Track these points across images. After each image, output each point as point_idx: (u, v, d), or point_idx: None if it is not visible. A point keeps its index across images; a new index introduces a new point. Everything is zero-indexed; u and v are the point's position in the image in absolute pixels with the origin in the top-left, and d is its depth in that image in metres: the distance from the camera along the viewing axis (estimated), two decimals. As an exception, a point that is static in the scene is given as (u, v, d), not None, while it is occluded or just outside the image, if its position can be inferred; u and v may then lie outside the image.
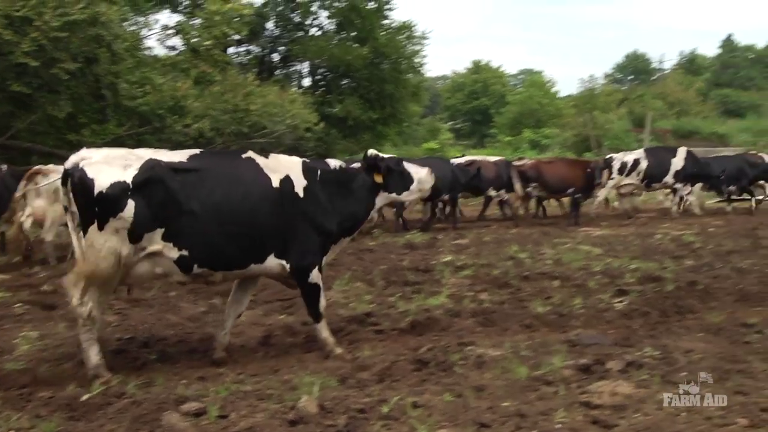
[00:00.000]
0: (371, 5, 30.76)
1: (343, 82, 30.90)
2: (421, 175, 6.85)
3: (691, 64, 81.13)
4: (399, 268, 10.30)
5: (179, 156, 5.70)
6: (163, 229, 5.45)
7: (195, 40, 21.89)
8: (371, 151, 6.67)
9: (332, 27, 31.87)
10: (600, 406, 4.60)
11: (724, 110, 61.51)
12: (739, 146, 35.81)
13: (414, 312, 7.55)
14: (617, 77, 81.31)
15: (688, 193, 17.96)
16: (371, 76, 30.25)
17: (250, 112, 20.52)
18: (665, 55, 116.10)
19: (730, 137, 45.74)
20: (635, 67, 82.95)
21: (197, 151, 5.99)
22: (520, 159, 19.65)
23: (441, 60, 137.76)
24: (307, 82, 32.93)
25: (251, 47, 31.80)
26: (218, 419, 4.53)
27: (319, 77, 32.55)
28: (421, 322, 7.09)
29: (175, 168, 5.54)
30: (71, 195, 5.45)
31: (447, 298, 8.26)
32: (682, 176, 17.32)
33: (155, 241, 5.46)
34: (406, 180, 6.78)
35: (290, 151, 13.69)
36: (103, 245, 5.30)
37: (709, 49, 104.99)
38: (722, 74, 76.09)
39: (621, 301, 7.91)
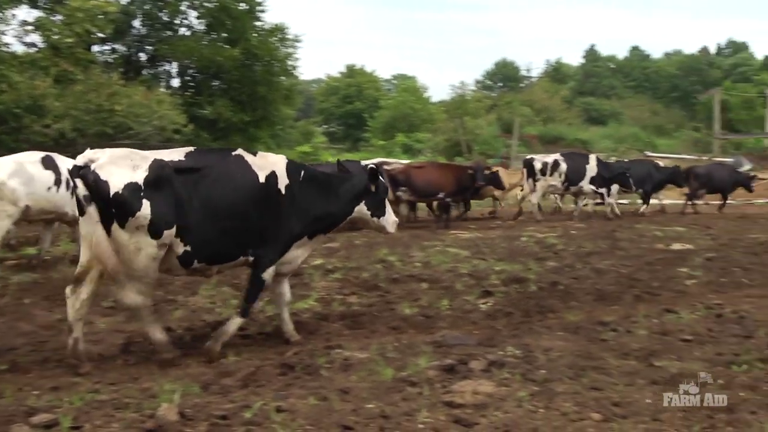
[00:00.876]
0: (243, 6, 30.34)
1: (214, 84, 30.35)
2: (391, 218, 7.14)
3: (556, 73, 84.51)
4: (268, 272, 10.17)
5: (178, 155, 5.89)
6: (175, 226, 5.68)
7: (56, 37, 21.01)
8: (378, 160, 6.96)
9: (202, 27, 31.23)
10: (462, 405, 4.64)
11: (587, 117, 64.38)
12: (600, 152, 37.50)
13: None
14: (487, 84, 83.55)
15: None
16: (243, 77, 29.89)
17: (115, 113, 19.90)
18: (532, 63, 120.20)
19: (593, 143, 47.87)
20: (504, 75, 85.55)
21: (192, 149, 6.15)
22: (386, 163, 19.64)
23: (315, 63, 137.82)
24: (176, 82, 32.19)
25: (117, 46, 30.76)
26: (71, 430, 4.30)
27: (188, 78, 31.85)
28: (289, 326, 7.02)
29: (178, 168, 5.75)
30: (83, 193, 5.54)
31: (316, 301, 8.20)
32: (598, 181, 18.16)
33: (169, 237, 5.68)
34: (384, 209, 7.05)
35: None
36: (132, 243, 5.57)
37: (574, 58, 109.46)
38: (585, 83, 79.64)
39: (486, 302, 8.08)
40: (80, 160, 5.61)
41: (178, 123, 21.96)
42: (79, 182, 5.54)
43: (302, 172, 6.50)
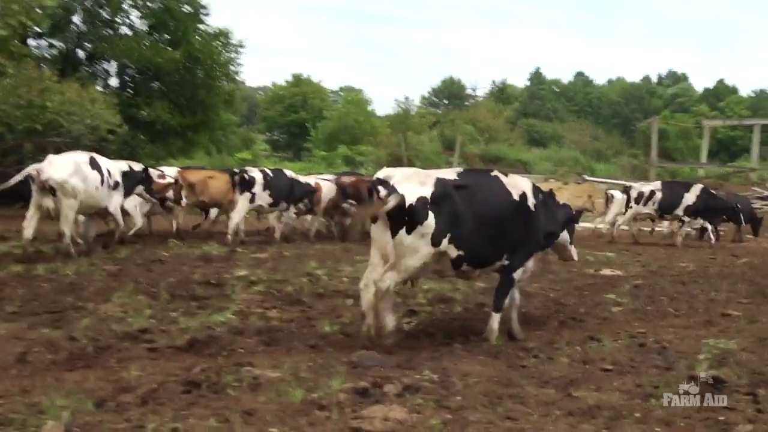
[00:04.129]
0: (186, 9, 29.78)
1: (153, 85, 29.68)
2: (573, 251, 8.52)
3: (501, 93, 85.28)
4: (188, 281, 9.78)
5: (451, 174, 6.92)
6: (449, 234, 6.55)
7: (-10, 29, 20.18)
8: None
9: (144, 28, 30.50)
10: (370, 432, 4.43)
11: (530, 139, 65.09)
12: (540, 174, 37.92)
13: (195, 329, 7.11)
14: (433, 101, 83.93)
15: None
16: (183, 80, 29.31)
17: (46, 109, 19.19)
18: (479, 82, 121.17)
19: (533, 165, 48.38)
20: (450, 92, 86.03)
21: (460, 169, 7.34)
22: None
23: (263, 71, 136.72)
24: (114, 82, 31.26)
25: (55, 42, 29.84)
26: (-62, 450, 3.95)
27: (127, 78, 31.04)
28: (201, 340, 6.68)
29: (456, 185, 6.70)
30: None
31: (233, 314, 7.86)
32: (692, 210, 18.33)
33: (444, 244, 6.58)
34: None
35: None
36: (410, 247, 6.46)
37: (519, 80, 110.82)
38: (530, 105, 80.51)
39: (409, 322, 7.86)
40: (380, 175, 7.00)
41: (113, 123, 21.32)
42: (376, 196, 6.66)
43: (540, 195, 7.51)
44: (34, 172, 11.48)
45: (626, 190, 18.48)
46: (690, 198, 18.13)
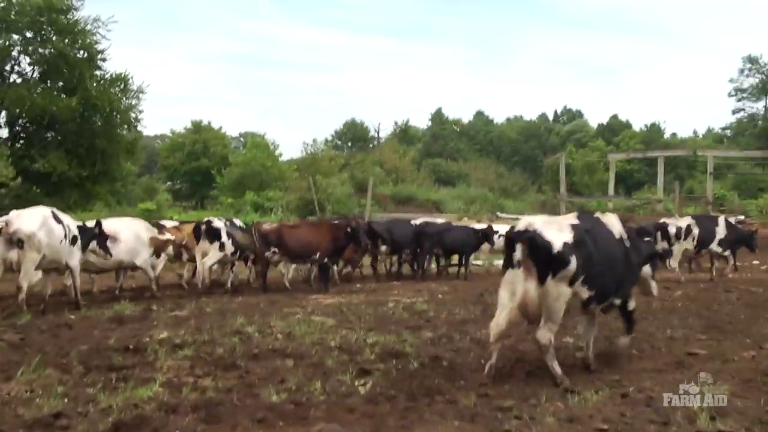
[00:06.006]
0: (81, 54, 28.25)
1: (48, 135, 27.86)
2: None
3: (404, 134, 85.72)
4: (103, 348, 8.55)
5: (572, 219, 7.37)
6: (583, 276, 6.94)
7: None
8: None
9: (36, 75, 28.74)
10: None
11: (436, 179, 65.27)
12: (453, 213, 37.70)
13: (119, 408, 6.06)
14: (337, 144, 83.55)
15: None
16: (80, 129, 27.61)
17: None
18: (381, 124, 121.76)
19: (445, 204, 48.29)
20: (354, 134, 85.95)
21: (574, 213, 7.69)
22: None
23: (159, 119, 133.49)
24: (4, 133, 29.17)
25: (-61, 92, 27.75)
26: None
27: (19, 128, 29.08)
28: (128, 422, 5.65)
29: (585, 229, 7.13)
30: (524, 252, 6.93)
31: (162, 386, 6.82)
32: (726, 243, 18.02)
33: (578, 286, 6.98)
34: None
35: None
36: (556, 290, 6.84)
37: (421, 121, 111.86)
38: (433, 145, 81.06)
39: (364, 384, 6.98)
40: (521, 225, 7.12)
41: (5, 176, 19.75)
42: (519, 244, 6.97)
43: (628, 232, 7.84)
44: (0, 225, 11.35)
45: (661, 227, 17.88)
46: (721, 231, 17.97)
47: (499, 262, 21.63)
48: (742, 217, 27.07)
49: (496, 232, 20.07)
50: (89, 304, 12.45)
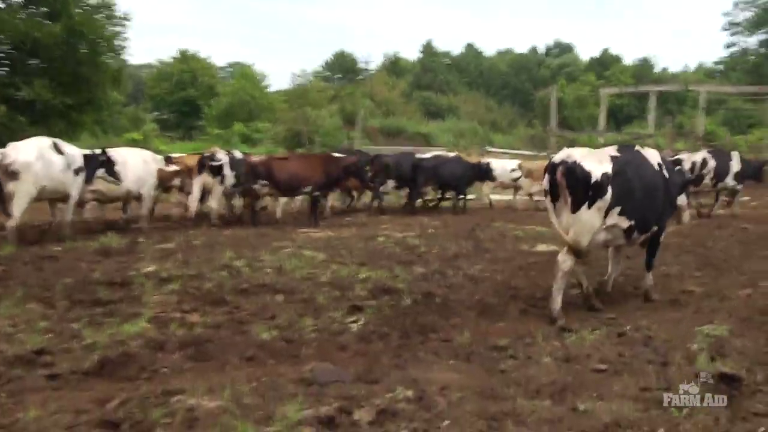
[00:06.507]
0: (65, -21, 27.37)
1: (31, 63, 27.15)
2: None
3: (394, 66, 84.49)
4: (89, 282, 8.36)
5: (612, 151, 7.33)
6: (620, 207, 7.08)
7: None
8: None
9: (18, 0, 27.88)
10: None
11: (426, 112, 64.57)
12: (442, 146, 37.37)
13: (104, 345, 5.90)
14: (326, 75, 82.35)
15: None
16: (65, 56, 26.81)
17: None
18: (371, 55, 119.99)
19: (435, 137, 47.90)
20: (343, 66, 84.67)
21: (616, 146, 7.58)
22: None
23: (146, 48, 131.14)
24: (-14, 60, 28.46)
25: None
26: None
27: (2, 55, 28.34)
28: (114, 359, 5.48)
29: (625, 161, 7.19)
30: (563, 182, 7.00)
31: (149, 322, 6.66)
32: (740, 177, 17.90)
33: (615, 216, 7.11)
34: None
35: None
36: (588, 220, 6.97)
37: (411, 53, 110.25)
38: (423, 77, 79.98)
39: (356, 321, 6.85)
40: (560, 156, 7.18)
41: (-13, 105, 19.25)
42: (560, 174, 7.00)
43: (666, 163, 7.90)
44: None
45: (677, 162, 17.59)
46: (735, 165, 17.81)
47: (498, 197, 21.67)
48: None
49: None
50: (74, 236, 12.18)
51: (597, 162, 6.99)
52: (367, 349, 5.99)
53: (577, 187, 6.94)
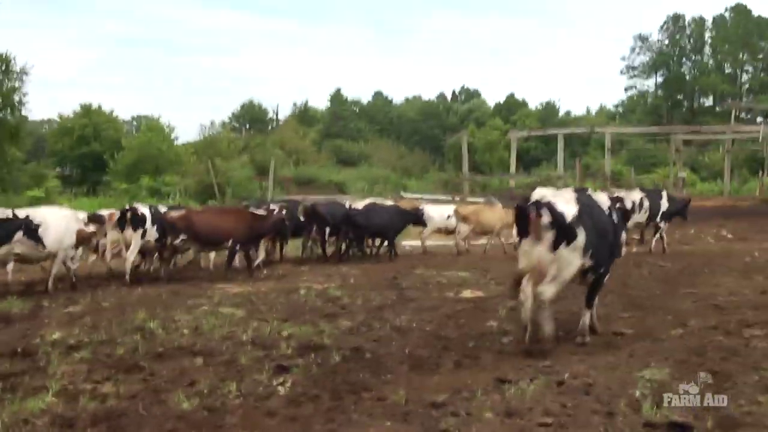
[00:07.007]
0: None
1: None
2: None
3: (304, 116, 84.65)
4: (-12, 353, 7.75)
5: (572, 193, 7.71)
6: (591, 250, 7.35)
7: None
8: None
9: None
10: None
11: (338, 160, 64.67)
12: (356, 193, 37.28)
13: (7, 424, 5.33)
14: (234, 126, 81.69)
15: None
16: (-39, 113, 25.88)
17: None
18: (279, 105, 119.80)
19: (348, 185, 47.84)
20: (252, 116, 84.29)
21: (572, 189, 8.27)
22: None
23: (46, 104, 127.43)
24: None
25: None
26: None
27: None
28: (17, 442, 4.95)
29: (584, 204, 7.49)
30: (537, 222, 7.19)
31: (56, 396, 6.11)
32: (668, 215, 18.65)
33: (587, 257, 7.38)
34: None
35: None
36: (567, 257, 7.23)
37: (321, 102, 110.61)
38: (333, 125, 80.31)
39: (283, 382, 6.43)
40: (534, 197, 7.58)
41: None
42: (533, 214, 7.18)
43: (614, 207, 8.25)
44: None
45: (618, 199, 17.65)
46: (664, 203, 18.44)
47: (432, 242, 21.45)
48: None
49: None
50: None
51: (565, 203, 7.32)
52: (296, 413, 5.60)
53: (553, 227, 7.17)
